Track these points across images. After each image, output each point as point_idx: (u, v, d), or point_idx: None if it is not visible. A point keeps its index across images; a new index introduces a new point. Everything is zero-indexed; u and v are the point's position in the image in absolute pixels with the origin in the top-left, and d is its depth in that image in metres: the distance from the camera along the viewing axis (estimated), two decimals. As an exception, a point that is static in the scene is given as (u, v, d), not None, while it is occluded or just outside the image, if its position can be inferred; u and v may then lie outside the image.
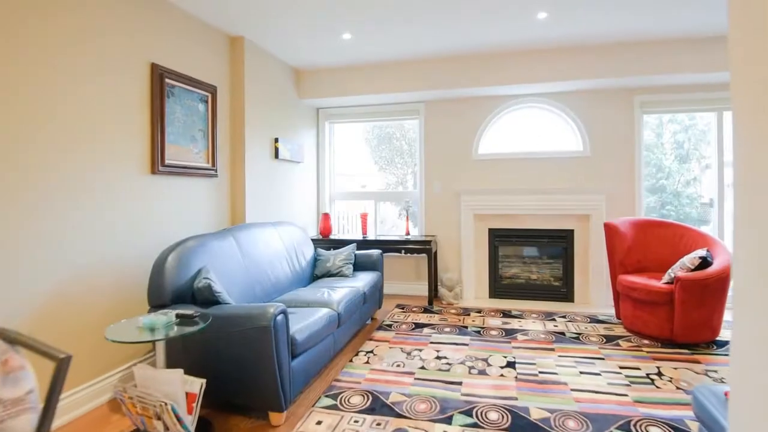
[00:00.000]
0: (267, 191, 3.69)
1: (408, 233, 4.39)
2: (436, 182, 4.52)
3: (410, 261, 4.63)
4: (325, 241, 4.37)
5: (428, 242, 4.13)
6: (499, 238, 4.37)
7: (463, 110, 4.42)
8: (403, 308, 4.03)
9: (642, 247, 3.46)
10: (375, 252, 3.81)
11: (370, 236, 4.48)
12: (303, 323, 2.14)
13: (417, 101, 4.50)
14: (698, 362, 2.63)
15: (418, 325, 3.46)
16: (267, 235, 3.07)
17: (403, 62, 4.10)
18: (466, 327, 3.41)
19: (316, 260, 3.69)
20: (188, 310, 1.86)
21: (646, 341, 3.01)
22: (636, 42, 3.60)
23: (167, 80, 2.71)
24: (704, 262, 2.86)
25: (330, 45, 3.65)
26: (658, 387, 2.30)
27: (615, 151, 4.09)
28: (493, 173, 4.38)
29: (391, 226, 5.46)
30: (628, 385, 2.33)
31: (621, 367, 2.57)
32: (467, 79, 3.95)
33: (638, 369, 2.54)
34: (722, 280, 2.75)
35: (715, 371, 2.49)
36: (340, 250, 3.75)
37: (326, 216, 4.52)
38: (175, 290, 2.07)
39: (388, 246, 4.19)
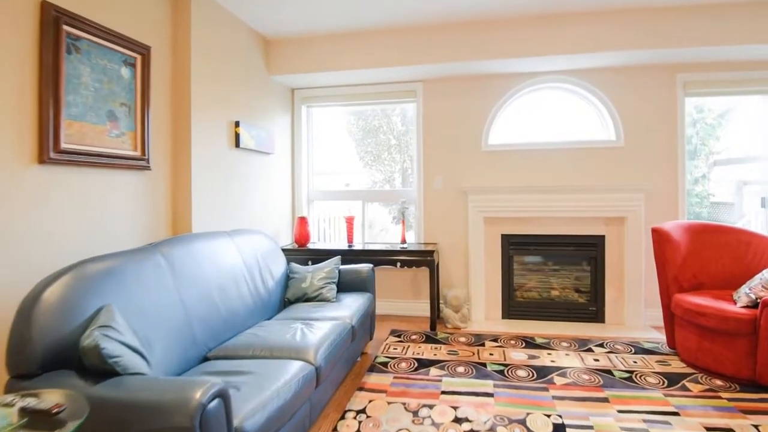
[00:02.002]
0: (223, 190, 2.94)
1: (404, 241, 3.71)
2: (438, 178, 3.86)
3: (406, 275, 3.95)
4: (301, 252, 3.64)
5: (430, 252, 3.46)
6: (515, 246, 3.74)
7: (470, 91, 3.77)
8: (399, 336, 3.34)
9: (698, 258, 2.88)
10: (365, 267, 3.11)
11: (357, 245, 3.78)
12: (258, 398, 1.41)
13: (413, 80, 3.82)
14: (804, 417, 2.04)
15: (422, 363, 2.78)
16: (218, 248, 2.32)
17: (397, 30, 3.42)
18: (484, 365, 2.74)
19: (288, 279, 2.96)
20: (53, 395, 1.11)
21: (718, 382, 2.42)
22: (680, 5, 3.02)
23: (68, 28, 1.95)
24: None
25: (307, 6, 2.94)
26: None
27: (653, 141, 3.52)
28: (506, 168, 3.74)
29: (380, 230, 4.77)
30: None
31: (708, 429, 1.94)
32: (474, 50, 3.30)
33: (730, 431, 1.92)
34: (821, 304, 2.17)
35: (836, 432, 1.90)
36: (320, 265, 3.03)
37: (303, 220, 3.79)
38: (50, 349, 1.32)
39: (380, 258, 3.50)
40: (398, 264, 3.51)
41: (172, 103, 2.61)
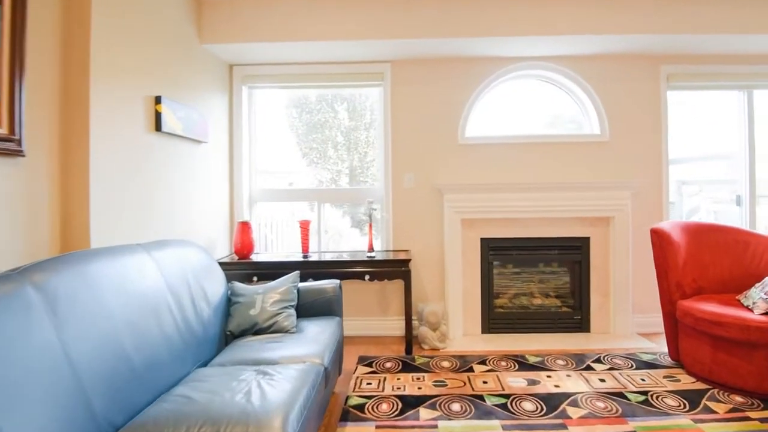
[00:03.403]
0: (139, 188, 2.25)
1: (372, 248, 3.22)
2: (408, 175, 3.43)
3: (372, 288, 3.47)
4: (244, 266, 3.01)
5: (405, 262, 3.02)
6: (495, 251, 3.43)
7: (446, 76, 3.40)
8: (370, 364, 2.85)
9: (697, 260, 2.74)
10: (330, 284, 2.58)
11: (314, 255, 3.24)
12: None
13: (380, 60, 3.37)
14: (844, 437, 1.89)
15: (407, 402, 2.32)
16: (130, 270, 1.67)
17: (363, -5, 2.95)
18: (482, 398, 2.35)
19: (230, 304, 2.34)
20: None
21: (738, 398, 2.25)
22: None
23: None
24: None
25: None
26: None
27: (638, 136, 3.40)
28: (485, 163, 3.42)
29: (334, 234, 4.22)
30: None
31: (762, 466, 1.70)
32: (451, 26, 2.94)
33: None
34: (843, 308, 2.06)
35: None
36: (272, 284, 2.45)
37: (245, 226, 3.16)
38: None
39: (344, 270, 2.99)
40: (367, 277, 3.02)
41: (62, 63, 1.90)
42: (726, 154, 3.60)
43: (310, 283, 2.59)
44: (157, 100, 2.35)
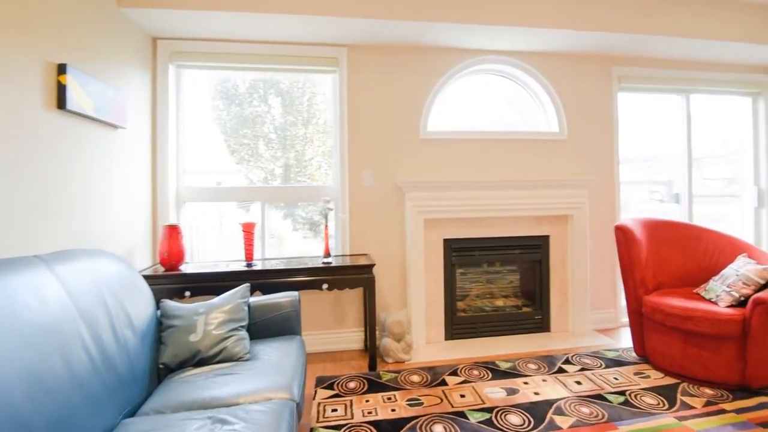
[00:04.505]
0: (33, 182, 1.74)
1: (328, 254, 2.92)
2: (367, 171, 3.18)
3: (327, 298, 3.16)
4: (173, 279, 2.54)
5: (368, 268, 2.77)
6: (458, 252, 3.30)
7: (407, 65, 3.21)
8: (331, 386, 2.55)
9: (655, 256, 2.85)
10: (286, 297, 2.25)
11: (259, 262, 2.85)
12: None
13: (335, 43, 3.08)
14: (808, 421, 2.01)
15: (383, 429, 2.07)
16: (21, 292, 1.22)
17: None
18: (464, 415, 2.17)
19: (161, 329, 1.90)
20: None
21: (708, 390, 2.33)
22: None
23: None
24: None
25: None
26: None
27: (593, 135, 3.50)
28: (448, 160, 3.29)
29: (270, 237, 3.82)
30: None
31: (755, 462, 1.72)
32: (411, 7, 2.74)
33: None
34: (795, 297, 2.22)
35: None
36: (214, 301, 2.05)
37: (173, 231, 2.68)
38: None
39: (298, 279, 2.66)
40: (325, 286, 2.71)
41: None
42: (665, 155, 3.86)
43: (263, 297, 2.22)
44: (61, 68, 1.84)
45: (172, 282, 2.55)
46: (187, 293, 2.57)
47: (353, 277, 2.74)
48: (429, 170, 3.26)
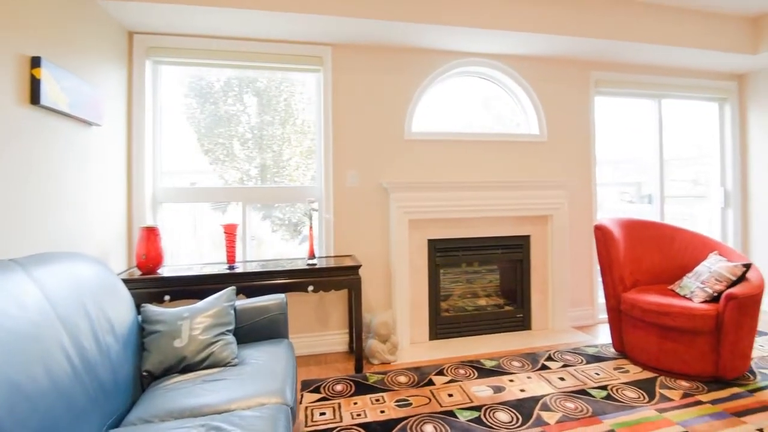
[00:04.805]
0: (2, 182, 1.64)
1: (313, 255, 2.89)
2: (351, 172, 3.17)
3: (310, 300, 3.14)
4: (152, 283, 2.46)
5: (354, 269, 2.76)
6: (442, 252, 3.34)
7: (391, 66, 3.22)
8: (317, 389, 2.53)
9: (632, 255, 2.96)
10: (273, 300, 2.21)
11: (241, 265, 2.80)
12: None
13: (320, 42, 3.06)
14: (776, 408, 2.13)
15: (373, 431, 2.06)
16: None
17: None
18: (453, 414, 2.20)
19: (143, 335, 1.84)
20: None
21: (684, 383, 2.44)
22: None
23: None
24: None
25: None
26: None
27: (572, 137, 3.61)
28: (431, 161, 3.32)
29: (252, 239, 3.73)
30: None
31: (731, 449, 1.82)
32: (394, 8, 2.75)
33: None
34: (761, 294, 2.36)
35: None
36: (199, 305, 2.00)
37: (151, 233, 2.60)
38: None
39: (283, 282, 2.63)
40: (310, 288, 2.69)
41: None
42: (638, 157, 4.02)
43: (250, 300, 2.18)
44: (35, 62, 1.75)
45: (151, 286, 2.47)
46: (167, 297, 2.49)
47: (340, 278, 2.73)
48: (413, 171, 3.28)
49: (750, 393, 2.29)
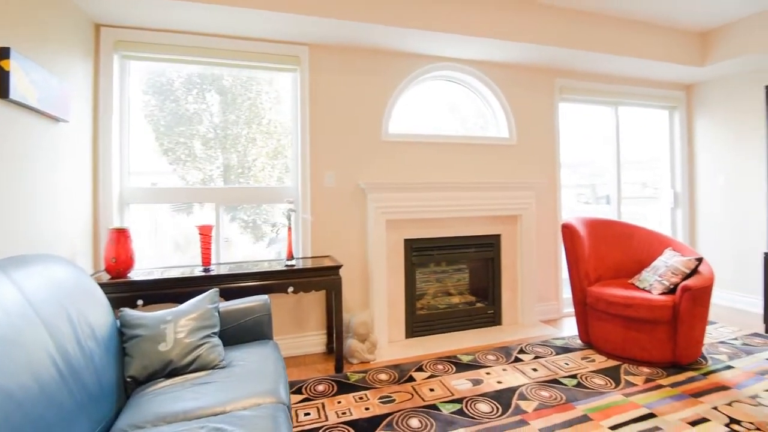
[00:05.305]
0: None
1: (291, 256, 2.89)
2: (329, 173, 3.19)
3: (288, 302, 3.13)
4: (124, 287, 2.38)
5: (335, 269, 2.79)
6: (418, 251, 3.42)
7: (369, 68, 3.27)
8: (300, 390, 2.53)
9: (595, 251, 3.17)
10: (257, 301, 2.20)
11: (216, 267, 2.76)
12: None
13: (297, 41, 3.06)
14: (725, 387, 2.39)
15: (361, 428, 2.11)
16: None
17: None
18: (437, 408, 2.28)
19: (123, 339, 1.79)
20: None
21: (646, 369, 2.65)
22: (581, 10, 3.33)
23: None
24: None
25: None
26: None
27: (539, 141, 3.81)
28: (408, 162, 3.40)
29: (225, 240, 3.63)
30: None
31: (691, 423, 2.02)
32: (372, 10, 2.81)
33: (708, 420, 2.08)
34: (712, 285, 2.61)
35: (758, 395, 2.26)
36: (183, 307, 1.96)
37: (121, 235, 2.50)
38: None
39: (262, 283, 2.62)
40: (290, 289, 2.69)
41: None
42: (596, 160, 4.29)
43: (234, 302, 2.16)
44: (4, 53, 1.65)
45: (123, 290, 2.38)
46: (140, 302, 2.41)
47: (320, 279, 2.74)
48: (391, 172, 3.34)
49: (703, 376, 2.53)
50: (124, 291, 2.38)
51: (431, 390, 2.48)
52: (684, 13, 3.41)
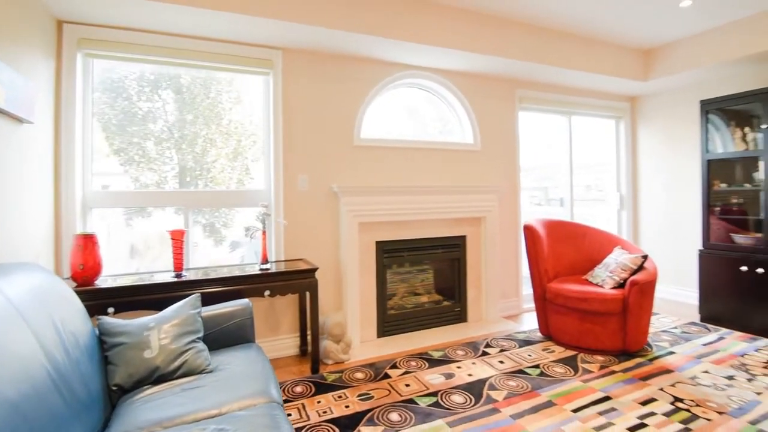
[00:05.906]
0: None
1: (266, 260, 2.92)
2: (302, 176, 3.24)
3: (260, 306, 3.15)
4: (94, 295, 2.33)
5: (311, 272, 2.85)
6: (389, 253, 3.55)
7: (341, 74, 3.36)
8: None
9: (553, 250, 3.44)
10: (239, 305, 2.24)
11: (187, 273, 2.74)
12: None
13: (270, 45, 3.09)
14: (668, 370, 2.69)
15: (343, 425, 2.20)
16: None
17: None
18: (414, 402, 2.41)
19: (104, 348, 1.77)
20: None
21: (600, 357, 2.92)
22: (539, 26, 3.59)
23: None
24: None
25: None
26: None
27: (501, 147, 4.05)
28: (379, 166, 3.52)
29: (194, 245, 3.57)
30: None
31: (642, 403, 2.29)
32: (344, 18, 2.90)
33: (656, 400, 2.34)
34: (656, 280, 2.93)
35: (697, 376, 2.57)
36: (165, 313, 1.97)
37: (89, 241, 2.44)
38: None
39: (238, 288, 2.63)
40: (267, 293, 2.72)
41: None
42: (547, 165, 4.62)
43: (215, 307, 2.18)
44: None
45: (93, 298, 2.32)
46: (111, 310, 2.36)
47: (297, 281, 2.79)
48: (362, 176, 3.44)
49: (650, 361, 2.83)
50: (95, 299, 2.31)
51: (407, 385, 2.60)
52: (631, 33, 3.77)
